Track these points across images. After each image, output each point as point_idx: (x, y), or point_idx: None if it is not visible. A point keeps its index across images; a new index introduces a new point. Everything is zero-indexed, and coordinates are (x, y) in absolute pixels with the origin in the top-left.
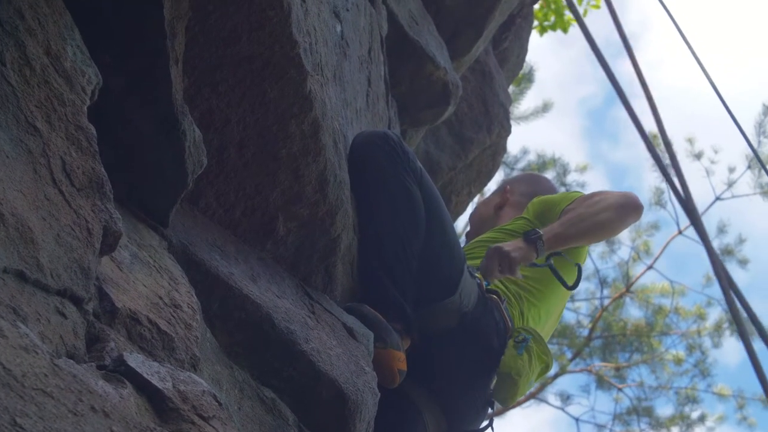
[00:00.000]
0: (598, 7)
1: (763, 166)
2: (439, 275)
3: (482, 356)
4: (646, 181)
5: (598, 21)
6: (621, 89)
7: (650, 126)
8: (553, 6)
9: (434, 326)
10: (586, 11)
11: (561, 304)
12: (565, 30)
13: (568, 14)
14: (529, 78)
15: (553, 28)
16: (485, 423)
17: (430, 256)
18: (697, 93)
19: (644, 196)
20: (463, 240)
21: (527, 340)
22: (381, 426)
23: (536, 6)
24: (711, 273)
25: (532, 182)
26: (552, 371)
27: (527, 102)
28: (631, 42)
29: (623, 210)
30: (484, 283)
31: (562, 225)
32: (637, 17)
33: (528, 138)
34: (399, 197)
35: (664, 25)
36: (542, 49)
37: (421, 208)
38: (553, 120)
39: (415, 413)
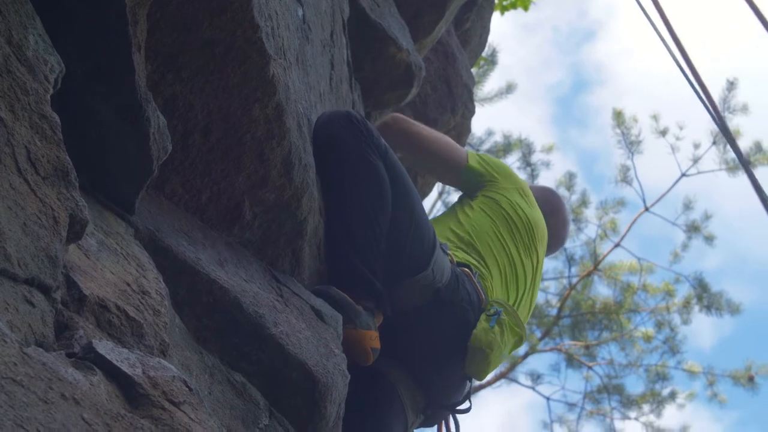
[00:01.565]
0: None
1: (730, 142)
2: (410, 251)
3: (458, 330)
4: (614, 161)
5: (561, 6)
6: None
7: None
8: None
9: (409, 302)
10: None
11: (536, 279)
12: (525, 8)
13: None
14: (492, 60)
15: (513, 6)
16: (463, 396)
17: (399, 232)
18: (662, 76)
19: (611, 174)
20: None
21: (499, 312)
22: (357, 405)
23: None
24: (679, 249)
25: (545, 195)
26: (522, 351)
27: (491, 84)
28: (597, 30)
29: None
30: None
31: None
32: (603, 3)
33: (496, 124)
34: (364, 174)
35: (629, 12)
36: (507, 36)
37: (386, 184)
38: (522, 106)
39: (391, 390)
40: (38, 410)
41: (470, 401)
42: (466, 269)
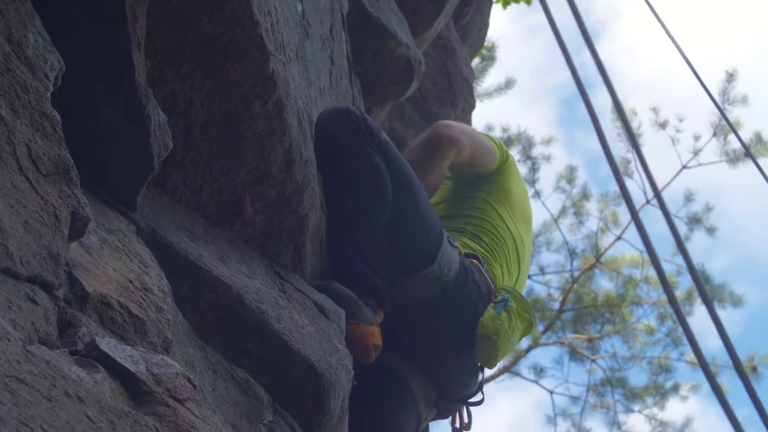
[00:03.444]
0: None
1: (732, 126)
2: (416, 246)
3: (467, 322)
4: (616, 155)
5: (564, 7)
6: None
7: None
8: None
9: (417, 297)
10: None
11: (528, 248)
12: (528, 1)
13: None
14: (491, 56)
15: (516, 0)
16: (476, 388)
17: (404, 227)
18: (664, 74)
19: (606, 160)
20: None
21: (506, 299)
22: (368, 401)
23: None
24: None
25: None
26: (524, 345)
27: (491, 79)
28: (600, 30)
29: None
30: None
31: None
32: (606, 3)
33: (501, 124)
34: (363, 172)
35: (632, 11)
36: (510, 38)
37: (386, 180)
38: (527, 108)
39: (402, 385)
40: (42, 408)
41: (483, 393)
42: (475, 261)
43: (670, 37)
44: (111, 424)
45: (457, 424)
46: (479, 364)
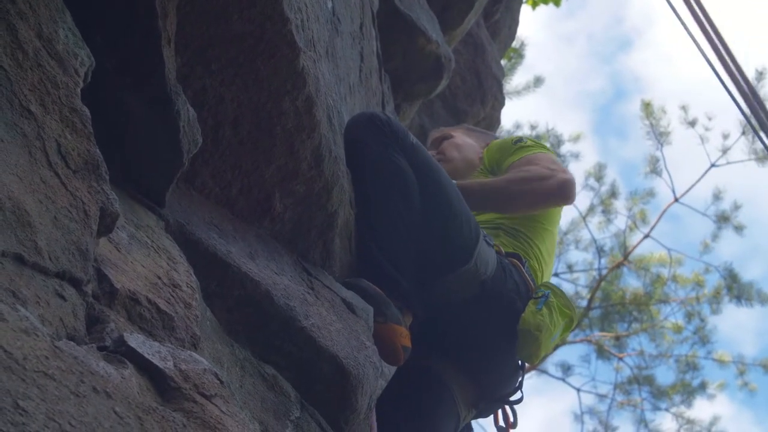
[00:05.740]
0: None
1: (756, 132)
2: (451, 245)
3: (506, 320)
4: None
5: (596, 15)
6: None
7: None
8: None
9: (454, 296)
10: None
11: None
12: (557, 3)
13: None
14: (519, 53)
15: (545, 1)
16: (516, 386)
17: (437, 228)
18: (697, 76)
19: (641, 168)
20: None
21: (547, 295)
22: (407, 402)
23: None
24: (708, 240)
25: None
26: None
27: (520, 77)
28: (635, 37)
29: (548, 201)
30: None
31: (481, 191)
32: (640, 10)
33: (529, 121)
34: (386, 175)
35: (667, 19)
36: (546, 44)
37: (410, 181)
38: (560, 113)
39: (441, 386)
40: (70, 404)
41: (522, 392)
42: (515, 260)
43: (698, 45)
44: (138, 419)
45: (501, 423)
46: (521, 361)
